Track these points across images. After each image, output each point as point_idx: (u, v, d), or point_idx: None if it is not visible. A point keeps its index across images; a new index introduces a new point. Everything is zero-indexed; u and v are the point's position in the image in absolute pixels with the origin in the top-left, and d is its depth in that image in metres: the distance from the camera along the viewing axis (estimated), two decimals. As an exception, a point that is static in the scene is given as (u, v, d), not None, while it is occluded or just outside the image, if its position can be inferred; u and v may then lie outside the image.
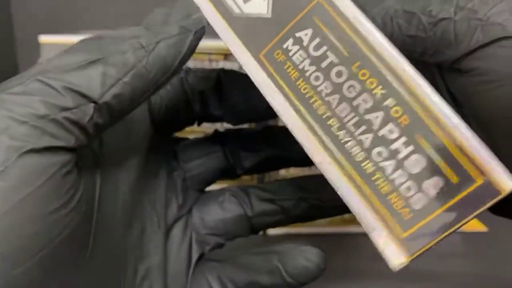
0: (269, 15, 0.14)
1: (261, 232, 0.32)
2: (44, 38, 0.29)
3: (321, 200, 0.16)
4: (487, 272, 0.29)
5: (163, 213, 0.16)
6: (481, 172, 0.11)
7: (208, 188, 0.19)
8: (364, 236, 0.12)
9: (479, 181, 0.11)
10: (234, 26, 0.14)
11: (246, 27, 0.14)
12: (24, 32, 0.40)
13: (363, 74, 0.12)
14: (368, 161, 0.12)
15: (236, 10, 0.14)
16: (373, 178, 0.12)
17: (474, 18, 0.15)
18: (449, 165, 0.11)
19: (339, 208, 0.15)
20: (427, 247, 0.12)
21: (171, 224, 0.16)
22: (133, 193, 0.15)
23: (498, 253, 0.30)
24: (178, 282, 0.16)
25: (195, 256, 0.16)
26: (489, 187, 0.11)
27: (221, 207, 0.17)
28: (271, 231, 0.34)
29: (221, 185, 0.19)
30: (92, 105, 0.11)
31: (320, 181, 0.13)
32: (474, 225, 0.34)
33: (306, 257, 0.15)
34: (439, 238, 0.11)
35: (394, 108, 0.12)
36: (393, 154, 0.12)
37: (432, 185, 0.12)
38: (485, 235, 0.33)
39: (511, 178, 0.11)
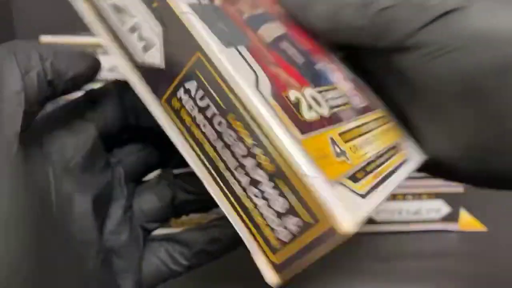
0: (163, 66, 0.15)
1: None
2: (45, 39, 0.31)
3: None
4: (487, 272, 0.28)
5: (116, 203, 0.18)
6: (324, 215, 0.13)
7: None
8: (365, 236, 0.14)
9: (325, 223, 0.13)
10: (140, 73, 0.16)
11: (149, 75, 0.16)
12: (25, 32, 0.43)
13: (238, 125, 0.14)
14: (246, 197, 0.14)
15: (139, 60, 0.16)
16: (251, 212, 0.14)
17: (414, 3, 0.16)
18: (304, 208, 0.13)
19: None
20: (295, 272, 0.14)
21: (121, 214, 0.18)
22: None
23: (498, 253, 0.30)
24: (132, 265, 0.18)
25: (142, 240, 0.19)
26: (330, 228, 0.12)
27: (157, 197, 0.19)
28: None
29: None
30: None
31: None
32: (474, 225, 0.34)
33: None
34: (303, 267, 0.13)
35: (263, 157, 0.13)
36: (264, 195, 0.14)
37: (294, 223, 0.13)
38: (485, 235, 0.33)
39: (348, 222, 0.12)
